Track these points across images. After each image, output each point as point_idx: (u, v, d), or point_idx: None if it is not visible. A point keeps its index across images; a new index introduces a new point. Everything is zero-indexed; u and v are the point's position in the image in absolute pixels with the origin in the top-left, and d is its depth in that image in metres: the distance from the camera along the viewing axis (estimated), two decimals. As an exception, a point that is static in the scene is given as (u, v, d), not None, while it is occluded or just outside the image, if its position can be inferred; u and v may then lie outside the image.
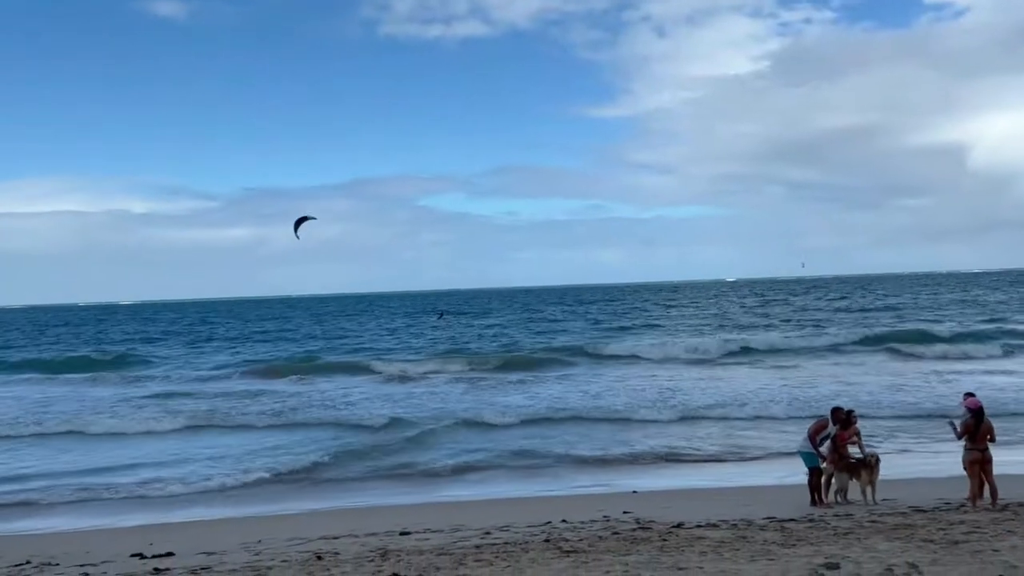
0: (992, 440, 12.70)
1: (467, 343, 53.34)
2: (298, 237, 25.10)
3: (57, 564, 10.93)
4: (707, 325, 61.58)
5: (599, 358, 41.76)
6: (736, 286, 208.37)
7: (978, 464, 12.54)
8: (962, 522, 11.09)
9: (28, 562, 11.13)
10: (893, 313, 67.41)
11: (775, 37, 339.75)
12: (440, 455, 19.66)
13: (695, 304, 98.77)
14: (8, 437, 23.32)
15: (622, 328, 61.83)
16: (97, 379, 38.57)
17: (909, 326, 51.60)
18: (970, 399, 13.04)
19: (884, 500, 13.25)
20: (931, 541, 9.93)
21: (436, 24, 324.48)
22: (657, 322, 66.98)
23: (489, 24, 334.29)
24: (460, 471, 18.30)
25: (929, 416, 22.09)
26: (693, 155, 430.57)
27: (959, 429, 12.75)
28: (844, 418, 13.83)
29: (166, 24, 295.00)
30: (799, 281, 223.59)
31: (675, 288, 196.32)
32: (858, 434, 13.98)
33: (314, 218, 25.36)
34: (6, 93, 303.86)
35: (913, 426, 21.43)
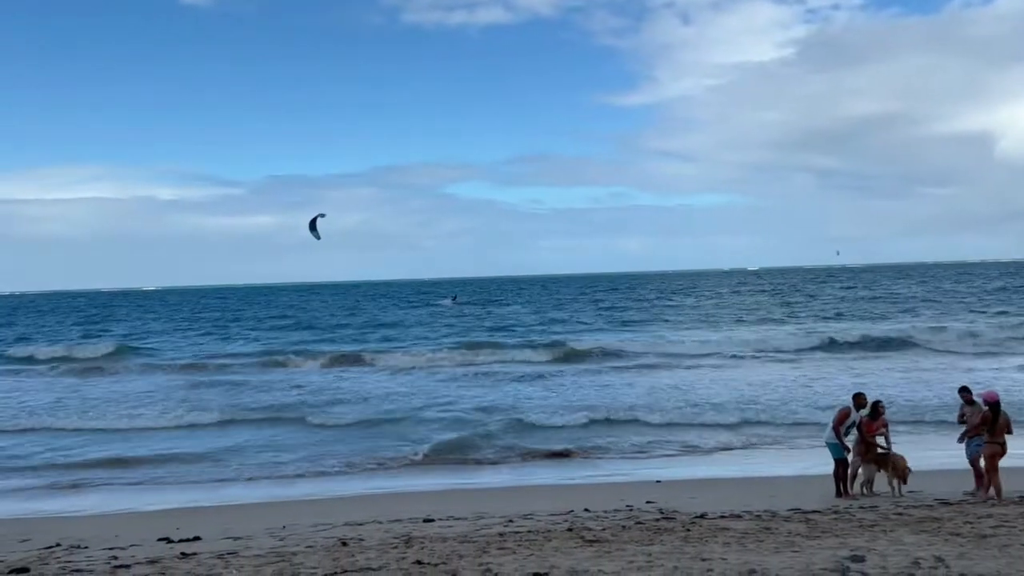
0: (1010, 432, 12.62)
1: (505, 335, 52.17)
2: (318, 238, 25.28)
3: (86, 547, 11.08)
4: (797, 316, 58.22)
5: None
6: (761, 274, 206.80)
7: (998, 457, 12.47)
8: (990, 516, 10.99)
9: (58, 544, 11.30)
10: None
11: (801, 24, 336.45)
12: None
13: (767, 292, 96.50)
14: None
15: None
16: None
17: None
18: (988, 392, 13.01)
19: (910, 492, 13.18)
20: (958, 535, 9.84)
21: (458, 11, 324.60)
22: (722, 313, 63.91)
23: (511, 11, 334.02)
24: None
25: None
26: (717, 143, 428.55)
27: (975, 420, 12.69)
28: (867, 404, 13.71)
29: (191, 12, 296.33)
30: (828, 270, 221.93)
31: (697, 276, 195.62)
32: (886, 426, 13.86)
33: (323, 215, 25.71)
34: (38, 84, 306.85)
35: None
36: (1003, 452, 12.52)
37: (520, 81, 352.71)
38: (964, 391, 13.50)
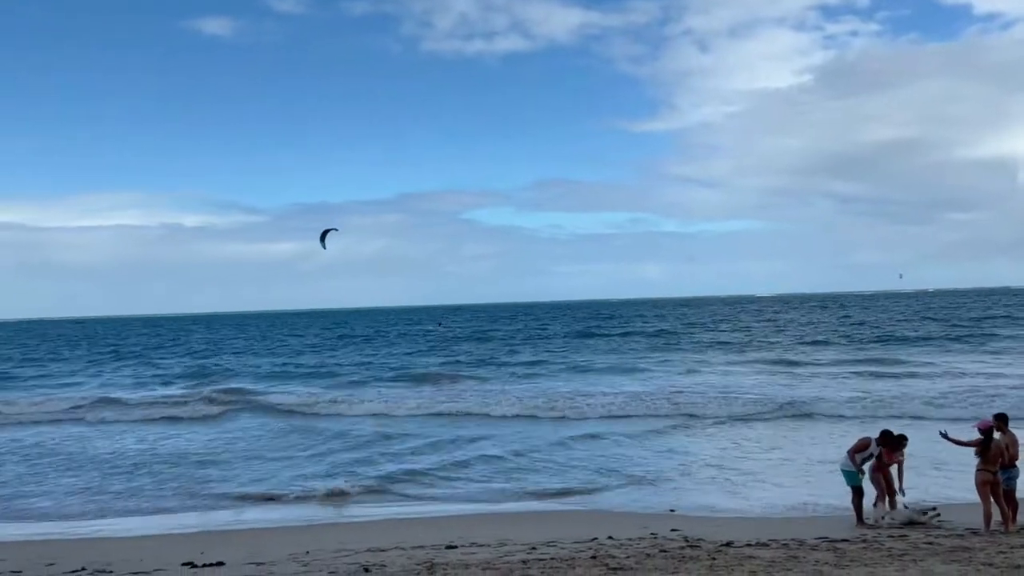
0: (1013, 461, 12.39)
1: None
2: (324, 247, 26.21)
3: (111, 571, 11.12)
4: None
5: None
6: (790, 299, 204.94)
7: (989, 485, 12.25)
8: (1023, 546, 10.78)
9: (83, 568, 11.35)
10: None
11: (819, 50, 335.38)
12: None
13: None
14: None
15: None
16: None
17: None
18: (983, 420, 12.89)
19: (940, 521, 12.94)
20: (991, 565, 9.65)
21: (477, 40, 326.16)
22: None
23: (530, 39, 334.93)
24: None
25: None
26: (737, 169, 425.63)
27: (973, 445, 12.51)
28: (892, 440, 13.57)
29: (214, 42, 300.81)
30: (858, 296, 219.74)
31: (732, 303, 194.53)
32: (900, 462, 13.68)
33: (336, 229, 26.41)
34: (65, 112, 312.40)
35: None
36: (995, 481, 12.29)
37: (540, 108, 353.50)
38: (999, 418, 13.24)
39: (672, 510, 15.13)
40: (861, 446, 13.66)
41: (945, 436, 12.97)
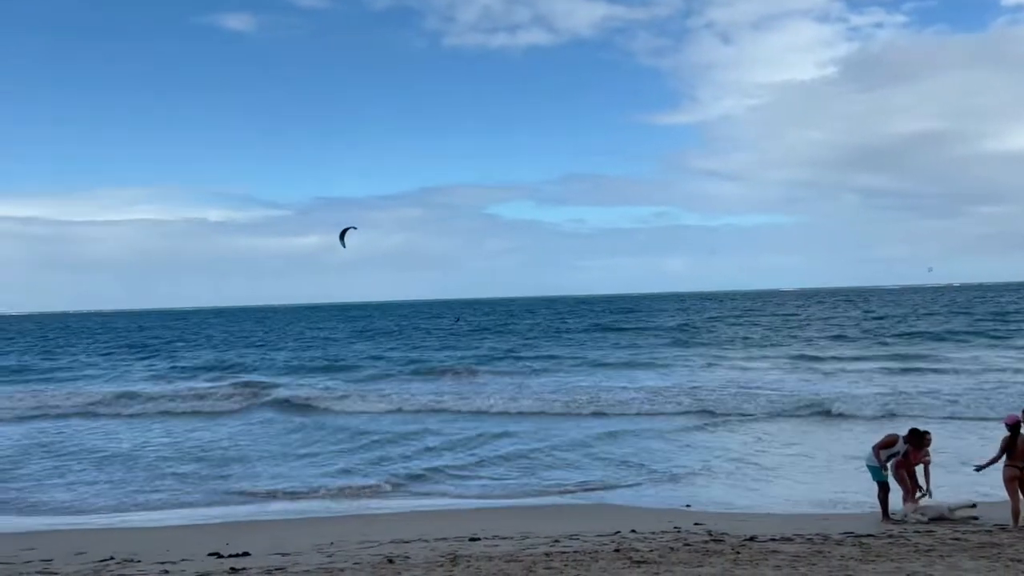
0: None
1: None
2: (344, 246, 26.54)
3: (139, 560, 11.24)
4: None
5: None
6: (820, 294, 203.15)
7: (1017, 481, 12.09)
8: (1052, 542, 10.65)
9: (111, 558, 11.48)
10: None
11: (844, 42, 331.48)
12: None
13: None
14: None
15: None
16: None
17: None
18: (1010, 415, 12.71)
19: (973, 519, 12.80)
20: (1019, 561, 9.55)
21: (500, 34, 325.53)
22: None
23: (553, 33, 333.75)
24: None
25: None
26: (761, 162, 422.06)
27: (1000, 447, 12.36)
28: (918, 437, 13.45)
29: (236, 37, 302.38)
30: (883, 290, 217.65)
31: (746, 297, 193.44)
32: (927, 462, 13.54)
33: (355, 228, 26.80)
34: (87, 107, 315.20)
35: None
36: (1023, 476, 12.13)
37: (562, 102, 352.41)
38: None
39: (688, 505, 15.08)
40: (888, 442, 13.56)
41: (980, 468, 12.76)
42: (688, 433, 22.84)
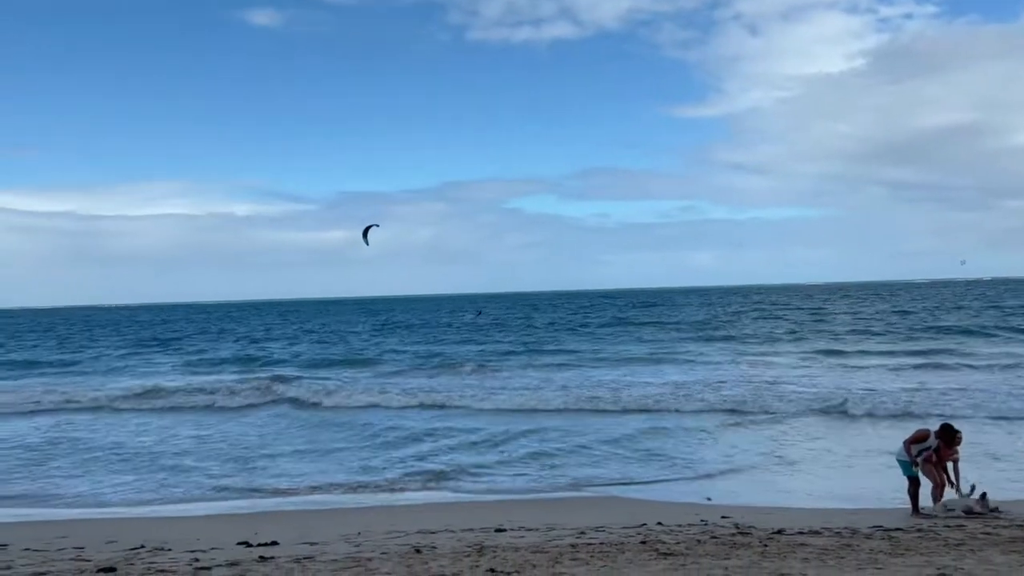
0: None
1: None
2: (367, 243, 26.83)
3: (169, 549, 11.38)
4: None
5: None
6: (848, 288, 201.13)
7: None
8: (1085, 537, 10.51)
9: (143, 546, 11.63)
10: None
11: (873, 33, 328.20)
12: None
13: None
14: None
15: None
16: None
17: None
18: None
19: (996, 514, 12.67)
20: (1052, 556, 9.45)
21: (524, 27, 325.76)
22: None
23: (578, 25, 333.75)
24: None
25: None
26: (788, 155, 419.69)
27: None
28: (950, 434, 13.32)
29: (264, 32, 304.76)
30: (912, 284, 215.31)
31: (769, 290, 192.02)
32: (956, 459, 13.40)
33: (377, 225, 27.21)
34: (118, 103, 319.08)
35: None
36: None
37: (587, 95, 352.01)
38: None
39: (708, 498, 15.05)
40: (919, 437, 13.46)
41: None
42: (712, 428, 22.74)
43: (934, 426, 13.90)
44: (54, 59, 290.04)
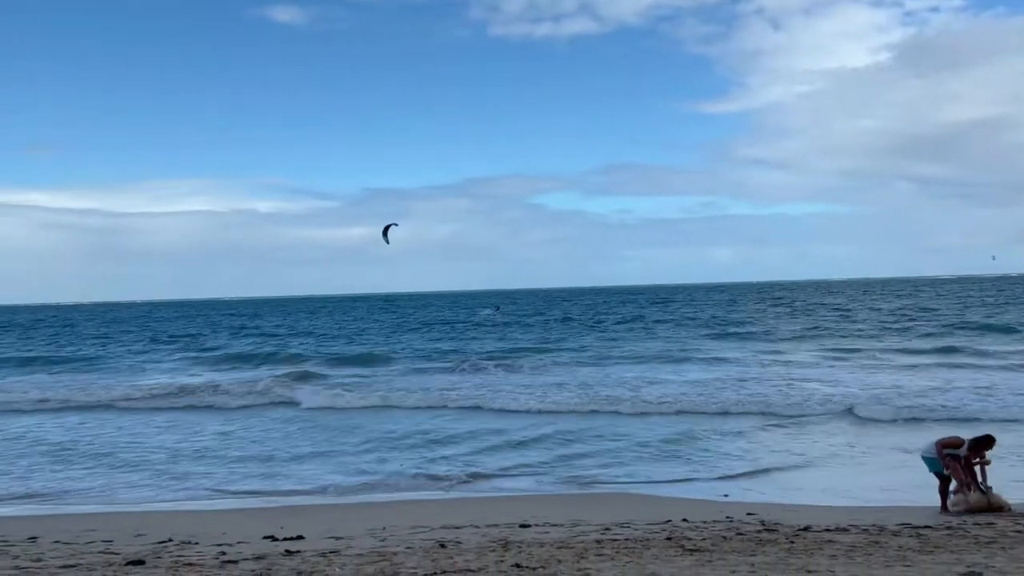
0: None
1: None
2: (387, 242, 26.98)
3: (197, 543, 11.47)
4: None
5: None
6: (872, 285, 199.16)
7: None
8: (1119, 536, 10.35)
9: (171, 539, 11.74)
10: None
11: (898, 27, 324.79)
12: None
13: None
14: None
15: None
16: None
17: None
18: None
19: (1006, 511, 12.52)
20: (1085, 554, 9.31)
21: (545, 23, 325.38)
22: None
23: (598, 21, 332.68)
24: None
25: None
26: (811, 151, 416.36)
27: None
28: (983, 442, 13.13)
29: (287, 30, 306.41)
30: (938, 280, 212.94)
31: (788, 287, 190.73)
32: (983, 459, 13.18)
33: (396, 224, 27.36)
34: (142, 100, 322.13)
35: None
36: None
37: (608, 91, 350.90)
38: None
39: (726, 495, 14.98)
40: (952, 443, 13.21)
41: None
42: (734, 427, 22.49)
43: (977, 431, 13.71)
44: (79, 57, 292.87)
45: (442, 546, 10.67)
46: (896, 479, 15.76)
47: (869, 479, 16.21)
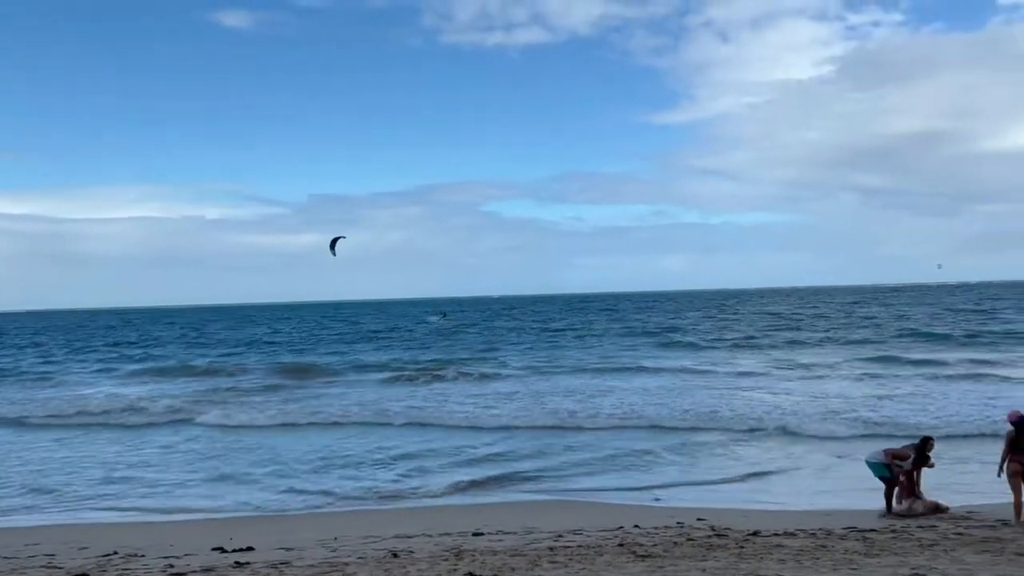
0: None
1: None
2: (335, 255, 26.83)
3: (143, 555, 11.24)
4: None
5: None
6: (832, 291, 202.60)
7: (1020, 476, 12.09)
8: (1055, 537, 10.68)
9: (115, 553, 11.48)
10: None
11: (840, 41, 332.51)
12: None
13: None
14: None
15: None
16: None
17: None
18: (1012, 412, 12.71)
19: (970, 512, 12.85)
20: (1022, 555, 9.60)
21: (496, 32, 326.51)
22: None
23: (550, 31, 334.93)
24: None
25: None
26: (759, 161, 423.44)
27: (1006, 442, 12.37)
28: (925, 450, 13.48)
29: (234, 35, 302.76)
30: (883, 288, 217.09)
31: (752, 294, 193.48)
32: (928, 462, 13.52)
33: (344, 237, 27.42)
34: (86, 104, 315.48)
35: None
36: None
37: (560, 100, 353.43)
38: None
39: (657, 499, 15.19)
40: (901, 455, 13.53)
41: (1000, 472, 12.67)
42: (681, 437, 22.13)
43: (916, 439, 14.03)
44: (21, 60, 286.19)
45: (395, 556, 10.60)
46: (838, 485, 16.05)
47: (813, 484, 16.47)
